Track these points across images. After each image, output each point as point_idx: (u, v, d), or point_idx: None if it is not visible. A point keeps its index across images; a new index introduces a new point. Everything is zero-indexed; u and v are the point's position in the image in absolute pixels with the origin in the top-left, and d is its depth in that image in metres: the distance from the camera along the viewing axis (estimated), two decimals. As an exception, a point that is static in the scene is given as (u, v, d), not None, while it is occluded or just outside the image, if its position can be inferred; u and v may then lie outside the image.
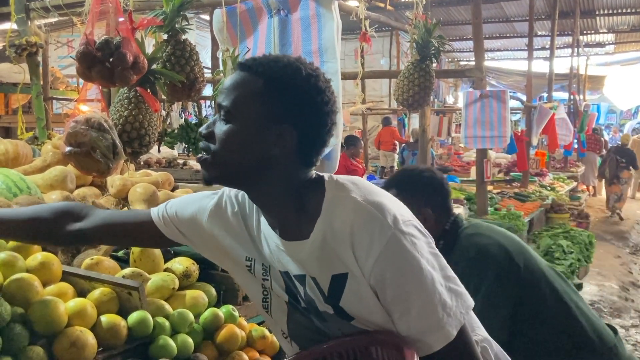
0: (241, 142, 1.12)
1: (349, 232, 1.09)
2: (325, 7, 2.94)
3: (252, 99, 1.11)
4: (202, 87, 2.20)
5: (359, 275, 1.10)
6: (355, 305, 1.12)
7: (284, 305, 1.25)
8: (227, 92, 1.13)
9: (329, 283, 1.13)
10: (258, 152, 1.12)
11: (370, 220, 1.08)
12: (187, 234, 1.31)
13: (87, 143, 1.80)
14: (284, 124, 1.11)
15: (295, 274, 1.18)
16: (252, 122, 1.11)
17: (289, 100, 1.11)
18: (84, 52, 1.80)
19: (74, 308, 1.57)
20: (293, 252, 1.16)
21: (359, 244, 1.08)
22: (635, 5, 11.44)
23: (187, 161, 8.05)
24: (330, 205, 1.13)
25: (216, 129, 1.14)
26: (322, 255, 1.13)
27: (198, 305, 1.88)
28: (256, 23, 3.19)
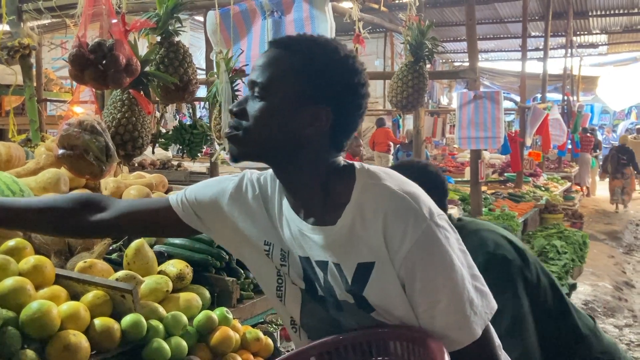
0: (276, 119, 1.09)
1: (382, 220, 1.06)
2: (318, 8, 2.95)
3: (290, 77, 1.09)
4: (195, 89, 2.20)
5: (387, 265, 1.07)
6: (379, 295, 1.10)
7: (298, 293, 1.22)
8: (262, 69, 1.11)
9: (353, 271, 1.10)
10: (292, 131, 1.10)
11: (406, 210, 1.06)
12: (205, 219, 1.29)
13: (80, 145, 1.79)
14: (320, 104, 1.09)
15: (317, 260, 1.15)
16: (288, 100, 1.09)
17: (327, 80, 1.09)
18: (76, 54, 1.80)
19: (67, 311, 1.56)
20: (318, 237, 1.13)
21: (392, 233, 1.06)
22: (628, 6, 11.51)
23: (182, 163, 8.05)
24: (362, 192, 1.11)
25: (249, 107, 1.11)
26: (349, 242, 1.10)
27: (192, 308, 1.87)
28: (250, 25, 3.19)
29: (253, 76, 1.12)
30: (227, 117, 2.33)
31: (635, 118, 20.64)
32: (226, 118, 2.35)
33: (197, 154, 2.83)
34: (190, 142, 2.74)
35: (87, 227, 1.36)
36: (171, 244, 2.14)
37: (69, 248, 2.01)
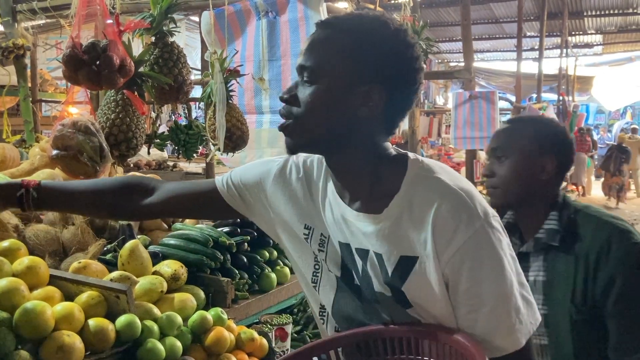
0: (329, 103, 1.05)
1: (432, 214, 1.02)
2: (313, 9, 2.95)
3: (339, 57, 1.04)
4: (189, 90, 2.20)
5: (431, 261, 1.03)
6: (419, 292, 1.05)
7: (334, 281, 1.19)
8: (310, 52, 1.07)
9: (395, 263, 1.06)
10: (346, 113, 1.06)
11: (460, 206, 1.01)
12: (248, 201, 1.28)
13: (74, 146, 1.79)
14: (372, 82, 1.04)
15: (358, 248, 1.12)
16: (340, 81, 1.04)
17: (378, 56, 1.04)
18: (70, 55, 1.80)
19: (61, 312, 1.56)
20: (362, 224, 1.10)
21: (442, 228, 1.01)
22: (622, 6, 11.55)
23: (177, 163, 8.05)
24: (413, 183, 1.06)
25: (299, 92, 1.07)
26: (394, 234, 1.06)
27: (186, 308, 1.87)
28: (244, 25, 3.20)
29: (301, 60, 1.08)
30: (222, 118, 2.33)
31: (630, 118, 20.71)
32: (221, 118, 2.35)
33: (192, 154, 2.84)
34: (185, 143, 2.75)
35: (138, 210, 1.40)
36: (166, 245, 2.14)
37: (63, 249, 2.01)
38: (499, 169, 1.61)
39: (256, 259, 2.27)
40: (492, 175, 1.63)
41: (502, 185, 1.60)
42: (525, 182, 1.57)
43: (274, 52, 3.10)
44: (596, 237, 1.46)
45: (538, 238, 1.54)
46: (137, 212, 1.43)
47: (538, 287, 1.52)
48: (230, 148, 2.47)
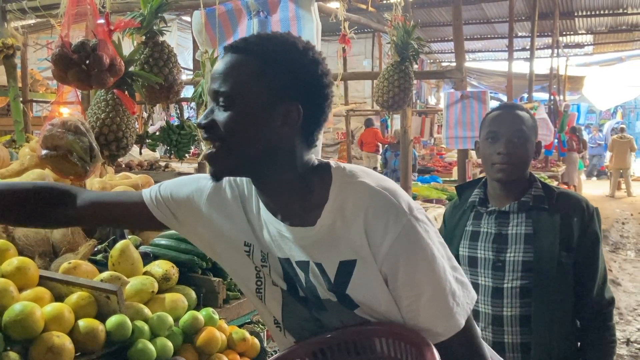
0: (248, 127, 1.07)
1: (363, 217, 1.07)
2: (304, 8, 2.95)
3: (253, 80, 1.06)
4: (180, 89, 2.19)
5: (369, 262, 1.08)
6: (363, 292, 1.10)
7: (279, 294, 1.22)
8: (223, 77, 1.08)
9: (336, 269, 1.11)
10: (267, 134, 1.08)
11: (386, 206, 1.06)
12: (180, 216, 1.27)
13: (63, 146, 1.78)
14: (288, 100, 1.07)
15: (298, 260, 1.14)
16: (256, 104, 1.07)
17: (291, 75, 1.08)
18: (59, 54, 1.78)
19: (51, 313, 1.55)
20: (297, 238, 1.13)
21: (373, 229, 1.06)
22: (613, 6, 11.63)
23: (169, 163, 8.03)
24: (341, 190, 1.10)
25: (218, 118, 1.08)
26: (329, 241, 1.10)
27: (178, 309, 1.87)
28: (236, 24, 3.19)
29: (214, 86, 1.09)
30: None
31: (620, 117, 20.83)
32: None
33: (184, 154, 2.83)
34: (177, 143, 2.74)
35: (55, 217, 1.32)
36: (157, 245, 2.13)
37: (53, 249, 1.99)
38: (518, 149, 1.85)
39: (248, 258, 2.26)
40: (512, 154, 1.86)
41: (517, 163, 1.85)
42: (529, 159, 1.89)
43: (265, 52, 3.09)
44: (576, 203, 1.85)
45: (524, 201, 1.85)
46: (54, 219, 1.33)
47: (520, 239, 1.83)
48: (221, 148, 2.45)
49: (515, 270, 1.82)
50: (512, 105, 2.01)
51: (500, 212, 1.90)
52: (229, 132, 1.07)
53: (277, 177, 1.12)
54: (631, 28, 12.96)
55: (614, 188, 13.78)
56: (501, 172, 1.87)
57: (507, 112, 1.92)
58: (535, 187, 1.89)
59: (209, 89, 1.11)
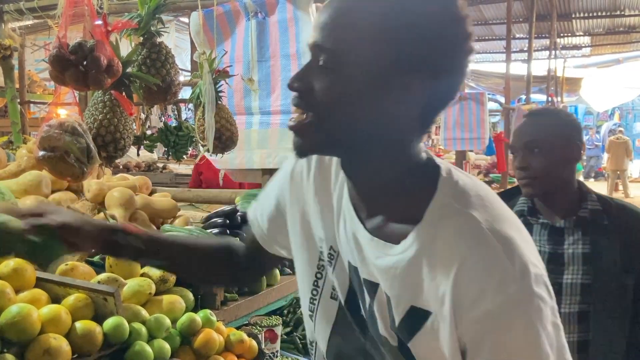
0: (355, 99, 0.81)
1: (456, 266, 0.79)
2: (302, 10, 2.95)
3: (370, 37, 0.79)
4: (178, 91, 2.19)
5: (447, 321, 0.81)
6: (428, 353, 0.85)
7: (333, 310, 0.99)
8: (330, 27, 0.81)
9: (404, 313, 0.86)
10: (377, 111, 0.82)
11: (492, 262, 0.78)
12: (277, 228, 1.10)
13: (60, 147, 1.78)
14: (412, 70, 0.80)
15: (366, 279, 0.91)
16: (370, 69, 0.80)
17: (421, 37, 0.79)
18: (56, 55, 1.78)
19: (48, 315, 1.55)
20: (374, 253, 0.88)
21: (466, 287, 0.78)
22: (610, 8, 11.65)
23: (167, 165, 8.02)
24: (441, 215, 0.83)
25: (316, 81, 0.83)
26: (407, 276, 0.84)
27: (175, 310, 1.86)
28: (234, 26, 3.19)
29: (317, 38, 0.83)
30: (211, 118, 2.32)
31: (618, 119, 20.89)
32: (210, 119, 2.34)
33: (182, 155, 2.82)
34: (175, 144, 2.73)
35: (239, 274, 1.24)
36: (154, 246, 2.12)
37: (50, 251, 1.99)
38: (534, 161, 1.71)
39: (245, 260, 2.25)
40: (528, 167, 1.72)
41: (540, 176, 1.70)
42: (560, 170, 1.71)
43: (263, 53, 3.09)
44: (638, 217, 1.68)
45: (582, 217, 1.68)
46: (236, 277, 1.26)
47: (577, 259, 1.67)
48: (219, 149, 2.46)
49: (573, 294, 1.67)
50: (533, 112, 1.86)
51: (553, 227, 1.72)
52: (328, 102, 0.82)
53: (373, 164, 0.87)
54: (629, 30, 12.99)
55: (612, 189, 13.81)
56: (526, 187, 1.74)
57: (524, 122, 1.80)
58: (591, 200, 1.71)
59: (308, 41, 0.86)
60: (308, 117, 0.85)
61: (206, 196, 3.49)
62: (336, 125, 0.84)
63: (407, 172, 0.88)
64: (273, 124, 3.14)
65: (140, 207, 2.49)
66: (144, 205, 2.50)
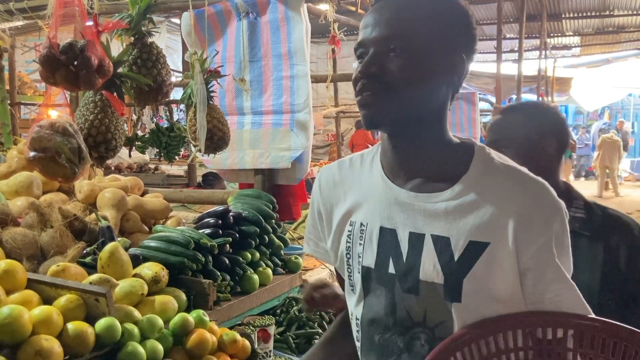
0: (424, 75, 0.99)
1: (518, 204, 0.98)
2: (294, 10, 2.95)
3: (429, 23, 1.00)
4: (169, 91, 2.18)
5: (505, 250, 0.98)
6: (482, 282, 0.99)
7: (360, 279, 1.11)
8: (397, 18, 1.00)
9: (463, 249, 0.99)
10: (438, 87, 1.02)
11: (547, 197, 0.99)
12: None
13: (51, 148, 1.77)
14: (459, 51, 1.02)
15: (412, 232, 1.04)
16: (433, 50, 1.00)
17: (461, 24, 1.03)
18: (47, 55, 1.77)
19: (39, 316, 1.54)
20: (423, 204, 1.03)
21: (529, 219, 0.97)
22: (599, 8, 11.73)
23: (159, 166, 7.99)
24: (487, 167, 1.03)
25: (388, 64, 0.99)
26: (461, 216, 1.00)
27: (168, 311, 1.86)
28: (225, 26, 3.18)
29: (385, 30, 1.00)
30: (203, 119, 2.31)
31: (608, 118, 21.01)
32: (202, 119, 2.33)
33: (174, 156, 2.81)
34: (167, 145, 2.73)
35: None
36: (146, 247, 2.12)
37: (41, 252, 1.98)
38: None
39: (238, 260, 2.26)
40: None
41: None
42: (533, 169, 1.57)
43: (254, 53, 3.09)
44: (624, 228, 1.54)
45: None
46: None
47: None
48: (211, 149, 2.45)
49: None
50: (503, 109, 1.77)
51: None
52: (401, 80, 0.99)
53: (423, 135, 1.04)
54: (617, 30, 13.07)
55: (602, 188, 13.89)
56: None
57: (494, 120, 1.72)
58: (576, 206, 1.59)
59: (367, 38, 1.02)
60: (380, 97, 1.00)
61: (198, 197, 3.49)
62: (406, 102, 1.00)
63: (446, 136, 1.06)
64: (265, 123, 3.14)
65: (132, 208, 2.48)
66: (136, 206, 2.50)
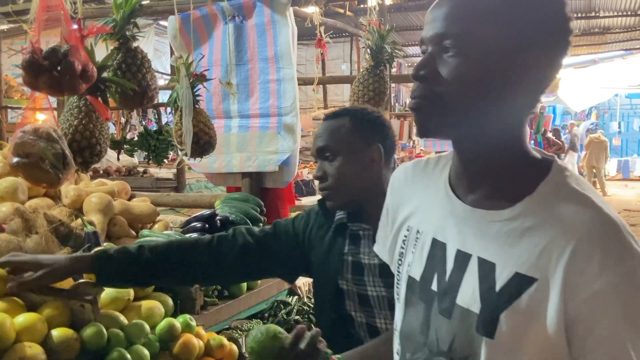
0: (484, 78, 0.87)
1: (576, 237, 0.82)
2: (280, 13, 2.96)
3: (493, 17, 0.86)
4: (154, 95, 2.17)
5: (553, 290, 0.83)
6: (522, 323, 0.85)
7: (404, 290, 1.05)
8: (452, 14, 0.88)
9: (508, 279, 0.87)
10: (503, 89, 0.88)
11: (614, 237, 0.83)
12: None
13: (35, 154, 1.76)
14: (531, 47, 0.86)
15: (459, 249, 0.94)
16: (496, 48, 0.86)
17: (536, 12, 0.86)
18: (29, 60, 1.76)
19: (23, 323, 1.53)
20: (476, 221, 0.92)
21: (585, 260, 0.81)
22: (585, 10, 11.83)
23: (148, 169, 7.95)
24: (556, 190, 0.88)
25: (441, 67, 0.88)
26: (514, 242, 0.87)
27: (154, 316, 1.85)
28: (211, 29, 3.19)
29: (439, 27, 0.89)
30: (189, 122, 2.31)
31: (595, 118, 21.21)
32: (188, 123, 2.33)
33: (163, 159, 2.81)
34: (155, 148, 2.72)
35: None
36: (133, 252, 2.11)
37: (26, 258, 1.96)
38: (331, 169, 1.57)
39: (225, 264, 2.25)
40: (324, 177, 1.58)
41: (337, 186, 1.57)
42: (359, 178, 1.56)
43: (241, 57, 3.09)
44: None
45: None
46: None
47: None
48: (197, 153, 2.45)
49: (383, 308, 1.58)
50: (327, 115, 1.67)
51: None
52: (457, 84, 0.87)
53: (488, 139, 0.92)
54: (603, 31, 13.20)
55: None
56: (326, 199, 1.61)
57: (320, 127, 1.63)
58: None
59: (425, 36, 0.92)
60: (432, 103, 0.90)
61: (186, 200, 3.48)
62: (465, 107, 0.88)
63: (519, 148, 0.93)
64: (252, 127, 3.14)
65: (119, 212, 2.47)
66: (123, 210, 2.49)
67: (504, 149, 0.92)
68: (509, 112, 0.91)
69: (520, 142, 0.93)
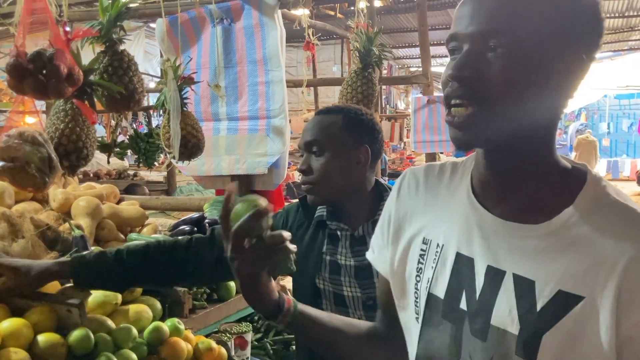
0: (533, 80, 0.80)
1: (627, 255, 0.76)
2: (268, 16, 2.96)
3: (539, 15, 0.80)
4: (141, 98, 2.17)
5: (603, 310, 0.76)
6: (567, 345, 0.78)
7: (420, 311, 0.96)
8: (499, 11, 0.80)
9: (550, 297, 0.80)
10: (545, 96, 0.82)
11: None
12: None
13: (21, 158, 1.74)
14: (576, 51, 0.82)
15: (490, 265, 0.86)
16: (545, 49, 0.80)
17: (583, 15, 0.82)
18: (14, 64, 1.75)
19: (8, 329, 1.52)
20: (509, 234, 0.85)
21: (637, 275, 0.75)
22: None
23: (138, 172, 7.93)
24: (598, 203, 0.82)
25: (484, 67, 0.80)
26: (555, 256, 0.81)
27: (142, 320, 1.84)
28: (199, 32, 3.18)
29: (482, 25, 0.81)
30: (176, 125, 2.31)
31: (584, 119, 21.35)
32: (175, 126, 2.32)
33: (153, 162, 2.80)
34: (146, 151, 2.71)
35: None
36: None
37: (12, 263, 1.95)
38: (316, 164, 1.58)
39: (214, 267, 2.24)
40: (309, 171, 1.59)
41: (321, 182, 1.58)
42: (343, 176, 1.58)
43: (229, 59, 3.09)
44: None
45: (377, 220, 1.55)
46: None
47: None
48: (185, 156, 2.45)
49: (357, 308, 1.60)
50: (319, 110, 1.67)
51: (353, 237, 1.60)
52: (504, 87, 0.80)
53: (528, 154, 0.85)
54: (592, 32, 13.33)
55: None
56: (308, 194, 1.61)
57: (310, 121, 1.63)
58: None
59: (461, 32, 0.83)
60: (474, 108, 0.82)
61: (175, 203, 3.47)
62: (511, 113, 0.81)
63: (554, 159, 0.87)
64: (241, 129, 3.14)
65: (107, 216, 2.46)
66: (111, 214, 2.48)
67: (539, 158, 0.86)
68: (547, 118, 0.85)
69: (553, 150, 0.87)
